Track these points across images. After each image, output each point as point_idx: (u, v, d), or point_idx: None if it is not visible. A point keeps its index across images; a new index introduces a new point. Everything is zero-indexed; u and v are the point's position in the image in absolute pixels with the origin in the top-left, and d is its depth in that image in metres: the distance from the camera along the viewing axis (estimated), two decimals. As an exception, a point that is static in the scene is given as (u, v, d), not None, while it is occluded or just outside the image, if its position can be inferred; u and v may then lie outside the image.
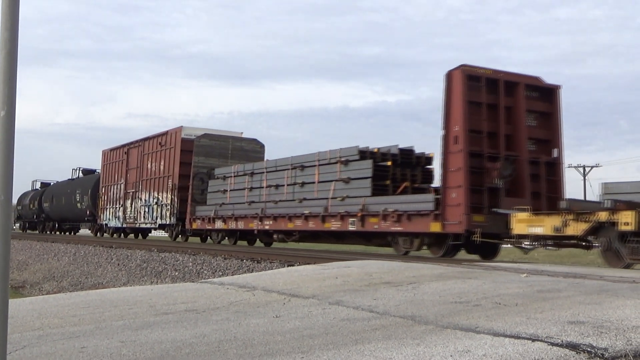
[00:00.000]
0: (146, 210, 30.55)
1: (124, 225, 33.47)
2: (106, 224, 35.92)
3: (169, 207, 28.13)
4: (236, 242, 24.85)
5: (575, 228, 12.24)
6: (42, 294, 18.79)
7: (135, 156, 32.35)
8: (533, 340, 4.43)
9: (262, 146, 28.64)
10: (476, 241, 14.55)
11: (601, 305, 5.94)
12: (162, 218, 28.90)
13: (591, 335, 4.54)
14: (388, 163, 18.12)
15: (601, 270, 11.41)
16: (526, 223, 13.28)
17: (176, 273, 17.58)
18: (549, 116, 16.59)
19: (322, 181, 19.51)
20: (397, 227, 16.48)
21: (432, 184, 18.58)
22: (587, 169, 60.69)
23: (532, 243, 13.68)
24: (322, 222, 19.05)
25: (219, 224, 24.33)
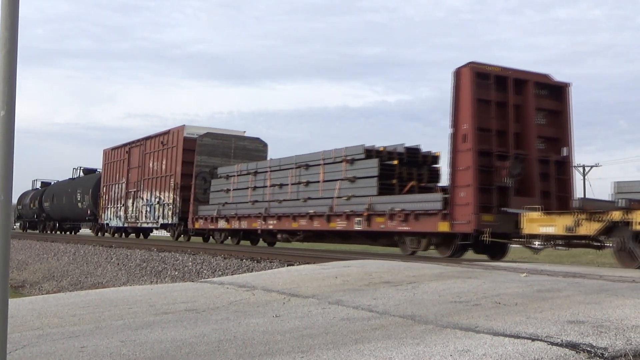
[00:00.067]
0: (148, 209, 30.40)
1: (126, 224, 33.29)
2: (107, 224, 35.73)
3: (171, 207, 27.99)
4: (239, 242, 24.67)
5: (588, 228, 12.00)
6: (42, 294, 18.78)
7: (136, 155, 32.14)
8: (533, 339, 4.43)
9: (265, 145, 28.45)
10: (485, 241, 14.32)
11: (601, 304, 5.94)
12: (164, 218, 28.78)
13: (591, 334, 4.54)
14: (394, 162, 17.93)
15: (600, 269, 11.43)
16: (537, 223, 13.05)
17: (176, 273, 17.58)
18: (559, 114, 16.37)
19: (327, 180, 19.35)
20: (404, 227, 16.29)
21: (439, 183, 18.43)
22: (587, 169, 60.70)
23: (543, 243, 13.43)
24: (327, 222, 18.90)
25: (222, 224, 24.18)
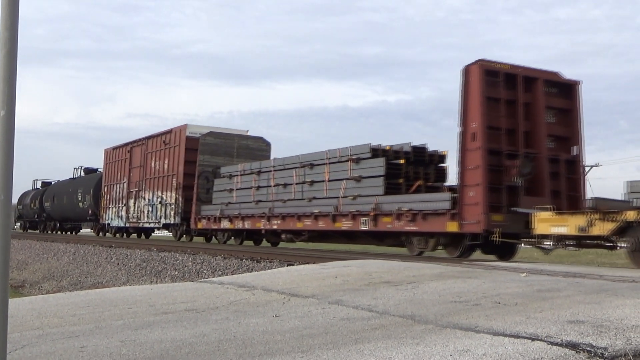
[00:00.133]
0: (150, 209, 30.27)
1: (127, 224, 33.15)
2: (108, 224, 35.61)
3: (173, 207, 27.85)
4: (242, 242, 24.50)
5: (601, 228, 11.84)
6: (42, 294, 18.78)
7: (138, 155, 31.96)
8: (533, 339, 4.43)
9: (268, 144, 28.27)
10: (495, 241, 14.11)
11: (601, 304, 5.94)
12: (166, 217, 28.64)
13: (591, 334, 4.53)
14: (401, 161, 17.73)
15: (600, 269, 11.43)
16: (549, 223, 12.88)
17: (176, 272, 17.57)
18: (569, 113, 16.18)
19: (333, 180, 19.15)
20: (412, 227, 16.07)
21: (446, 183, 18.24)
22: (587, 169, 60.68)
23: (554, 243, 13.24)
24: (333, 222, 18.71)
25: (225, 224, 24.01)
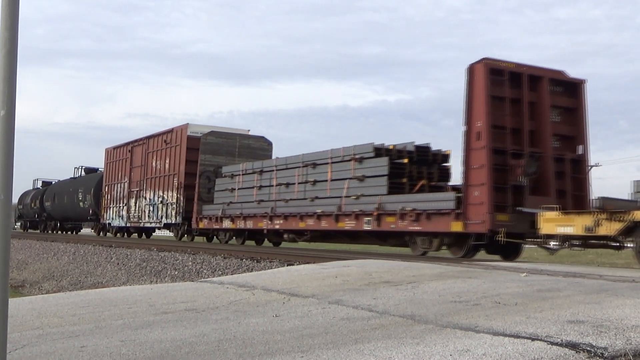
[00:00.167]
0: (151, 209, 30.22)
1: (128, 224, 33.13)
2: (109, 223, 35.58)
3: (175, 206, 27.80)
4: (244, 242, 24.43)
5: (608, 228, 11.74)
6: (42, 293, 18.79)
7: (139, 154, 31.92)
8: (533, 339, 4.43)
9: (270, 144, 28.20)
10: (500, 241, 14.02)
11: (601, 304, 5.94)
12: (168, 217, 28.59)
13: (591, 334, 4.53)
14: (404, 160, 17.67)
15: (600, 269, 11.42)
16: (555, 222, 12.80)
17: (176, 272, 17.57)
18: (574, 112, 16.09)
19: (335, 179, 19.09)
20: (416, 227, 16.01)
21: (449, 182, 18.18)
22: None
23: (560, 243, 13.14)
24: (336, 222, 18.64)
25: (227, 224, 23.94)
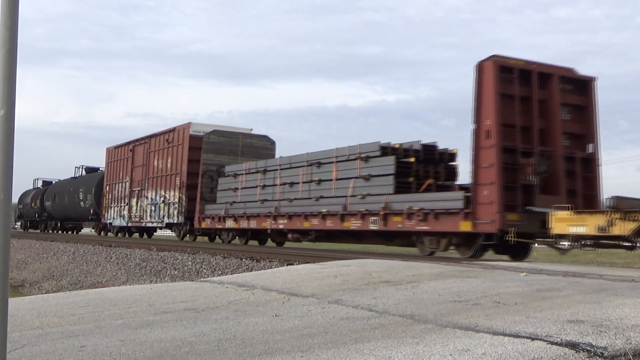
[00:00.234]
0: (153, 208, 30.10)
1: (129, 224, 33.04)
2: (110, 223, 35.49)
3: (177, 206, 27.68)
4: (247, 242, 24.31)
5: (622, 227, 11.61)
6: (42, 293, 18.79)
7: (141, 153, 31.79)
8: (532, 339, 4.43)
9: (273, 143, 28.08)
10: (510, 241, 13.85)
11: (600, 304, 5.94)
12: (170, 217, 28.48)
13: (590, 334, 4.54)
14: (411, 159, 17.49)
15: (600, 269, 11.42)
16: (567, 222, 12.65)
17: (175, 272, 17.57)
18: (584, 110, 15.90)
19: (341, 178, 18.89)
20: (423, 227, 15.80)
21: (456, 182, 18.01)
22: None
23: (572, 243, 12.97)
24: (341, 221, 18.45)
25: (230, 223, 23.80)
